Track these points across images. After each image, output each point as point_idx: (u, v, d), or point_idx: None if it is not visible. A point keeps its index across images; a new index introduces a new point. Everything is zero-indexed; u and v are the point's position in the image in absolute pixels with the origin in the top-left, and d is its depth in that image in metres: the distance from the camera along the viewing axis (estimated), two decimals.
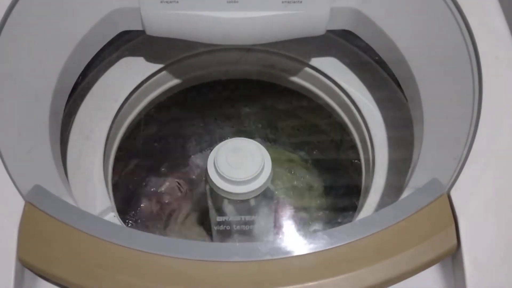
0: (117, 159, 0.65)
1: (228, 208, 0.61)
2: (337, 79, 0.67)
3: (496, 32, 0.51)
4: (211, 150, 0.58)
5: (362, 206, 0.58)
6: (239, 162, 0.56)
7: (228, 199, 0.58)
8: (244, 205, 0.60)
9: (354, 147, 0.69)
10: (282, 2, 0.55)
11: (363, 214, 0.57)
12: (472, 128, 0.47)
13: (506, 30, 0.52)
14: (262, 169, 0.57)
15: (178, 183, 0.82)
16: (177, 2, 0.55)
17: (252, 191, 0.57)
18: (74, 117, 0.62)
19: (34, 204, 0.42)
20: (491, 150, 0.45)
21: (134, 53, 0.67)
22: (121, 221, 0.55)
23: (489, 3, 0.53)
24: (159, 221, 0.79)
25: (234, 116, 0.84)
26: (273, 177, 0.59)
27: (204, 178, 0.68)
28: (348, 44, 0.69)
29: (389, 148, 0.62)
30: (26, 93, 0.49)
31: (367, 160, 0.65)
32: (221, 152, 0.57)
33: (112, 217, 0.55)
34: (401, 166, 0.58)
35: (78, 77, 0.56)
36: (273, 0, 0.55)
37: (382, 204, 0.58)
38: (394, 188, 0.58)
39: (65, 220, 0.41)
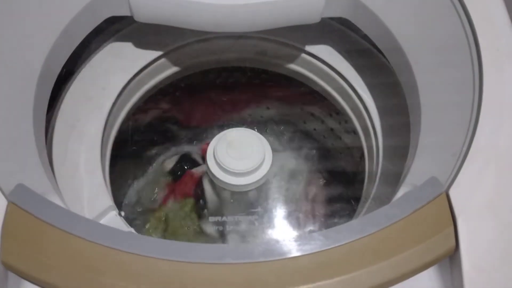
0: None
1: (225, 201, 0.60)
2: (334, 65, 0.65)
3: (497, 23, 0.50)
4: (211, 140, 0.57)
5: (368, 197, 0.57)
6: (239, 153, 0.55)
7: (227, 190, 0.57)
8: (242, 198, 0.59)
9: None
10: None
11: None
12: (472, 123, 0.45)
13: (508, 21, 0.50)
14: (263, 160, 0.56)
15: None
16: None
17: (253, 183, 0.55)
18: (60, 106, 0.60)
19: (17, 204, 0.40)
20: (492, 146, 0.44)
21: (124, 41, 0.64)
22: (124, 220, 0.53)
23: None
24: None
25: (234, 105, 0.82)
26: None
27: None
28: (343, 28, 0.67)
29: (393, 135, 0.60)
30: (8, 81, 0.47)
31: (369, 147, 0.63)
32: (221, 143, 0.56)
33: (114, 216, 0.52)
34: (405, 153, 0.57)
35: (64, 64, 0.54)
36: None
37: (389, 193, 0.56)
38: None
39: (50, 221, 0.39)
